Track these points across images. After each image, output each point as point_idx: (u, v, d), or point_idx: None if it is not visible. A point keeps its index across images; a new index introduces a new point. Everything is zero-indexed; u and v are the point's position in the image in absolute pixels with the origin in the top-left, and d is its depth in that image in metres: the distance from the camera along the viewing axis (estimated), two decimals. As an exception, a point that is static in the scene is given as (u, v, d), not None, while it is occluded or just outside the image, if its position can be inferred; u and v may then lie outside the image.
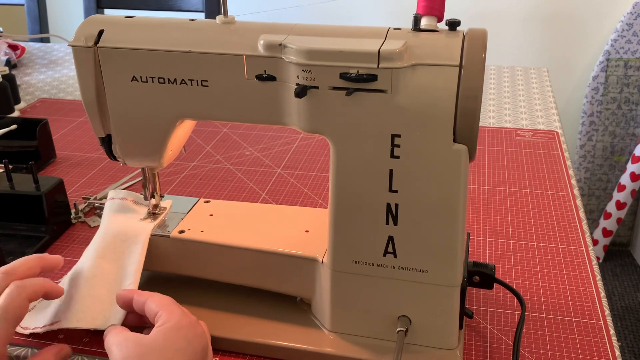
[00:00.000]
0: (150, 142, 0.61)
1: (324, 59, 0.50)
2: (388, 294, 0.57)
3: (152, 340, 0.52)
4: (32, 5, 1.85)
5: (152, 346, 0.51)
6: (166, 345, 0.52)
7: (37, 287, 0.57)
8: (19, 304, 0.55)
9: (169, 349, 0.51)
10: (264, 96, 0.54)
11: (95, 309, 0.61)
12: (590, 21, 2.03)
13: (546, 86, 1.29)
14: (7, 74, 1.18)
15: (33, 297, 0.56)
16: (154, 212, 0.69)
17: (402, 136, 0.51)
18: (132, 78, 0.57)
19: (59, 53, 1.59)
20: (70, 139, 1.09)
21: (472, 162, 0.53)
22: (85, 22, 0.59)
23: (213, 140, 1.07)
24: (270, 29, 0.54)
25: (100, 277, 0.62)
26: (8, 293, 0.55)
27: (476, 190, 0.90)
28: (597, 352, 0.61)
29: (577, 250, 0.76)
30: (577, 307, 0.67)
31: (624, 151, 2.11)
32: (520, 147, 1.02)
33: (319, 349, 0.60)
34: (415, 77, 0.50)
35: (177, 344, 0.52)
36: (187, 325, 0.54)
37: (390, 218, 0.54)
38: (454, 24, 0.51)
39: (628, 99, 2.04)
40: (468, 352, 0.61)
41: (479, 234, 0.80)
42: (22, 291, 0.55)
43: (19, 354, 0.62)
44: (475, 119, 0.49)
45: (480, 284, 0.62)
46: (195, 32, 0.56)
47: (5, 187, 0.78)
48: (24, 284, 0.56)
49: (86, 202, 0.87)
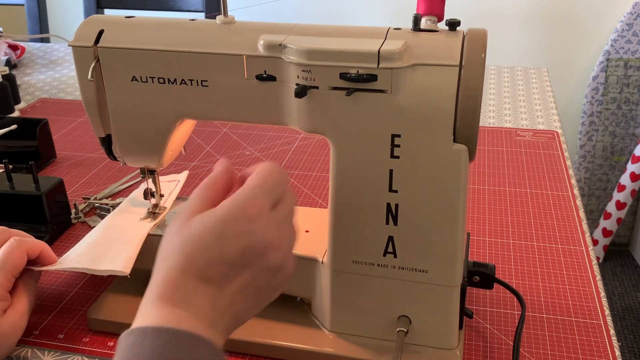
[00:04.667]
0: (150, 142, 0.61)
1: (324, 59, 0.50)
2: (388, 294, 0.57)
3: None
4: (32, 5, 1.85)
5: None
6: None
7: (35, 244, 0.63)
8: (18, 254, 0.61)
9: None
10: (264, 96, 0.54)
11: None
12: (590, 21, 2.03)
13: (546, 86, 1.29)
14: (7, 74, 1.18)
15: (31, 252, 0.62)
16: (154, 212, 0.69)
17: (402, 136, 0.51)
18: (132, 78, 0.57)
19: (59, 53, 1.59)
20: (70, 139, 1.09)
21: (472, 162, 0.53)
22: (85, 22, 0.59)
23: (213, 140, 1.07)
24: (270, 29, 0.54)
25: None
26: (8, 245, 0.61)
27: (476, 190, 0.90)
28: (597, 352, 0.61)
29: (577, 250, 0.76)
30: (577, 307, 0.67)
31: (624, 151, 2.11)
32: (520, 147, 1.02)
33: (319, 349, 0.60)
34: (415, 77, 0.50)
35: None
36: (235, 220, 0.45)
37: (390, 218, 0.54)
38: (454, 24, 0.51)
39: (628, 99, 2.04)
40: (468, 352, 0.61)
41: (479, 234, 0.80)
42: (21, 244, 0.61)
43: (19, 354, 0.62)
44: (475, 119, 0.49)
45: (480, 284, 0.62)
46: (195, 32, 0.56)
47: (5, 187, 0.78)
48: (23, 239, 0.62)
49: (86, 202, 0.87)
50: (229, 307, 0.44)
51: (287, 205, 0.48)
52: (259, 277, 0.45)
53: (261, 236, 0.44)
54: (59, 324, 0.66)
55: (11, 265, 0.60)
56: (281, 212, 0.47)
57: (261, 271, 0.45)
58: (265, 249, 0.44)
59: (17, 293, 0.61)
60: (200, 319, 0.43)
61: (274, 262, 0.45)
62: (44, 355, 0.62)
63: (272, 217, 0.46)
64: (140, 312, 0.43)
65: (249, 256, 0.44)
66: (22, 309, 0.60)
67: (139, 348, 0.39)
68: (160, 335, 0.40)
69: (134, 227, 0.67)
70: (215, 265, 0.43)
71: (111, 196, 0.90)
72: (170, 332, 0.40)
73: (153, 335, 0.40)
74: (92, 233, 0.68)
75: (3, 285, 0.59)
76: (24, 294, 0.61)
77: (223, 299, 0.44)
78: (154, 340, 0.40)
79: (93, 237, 0.67)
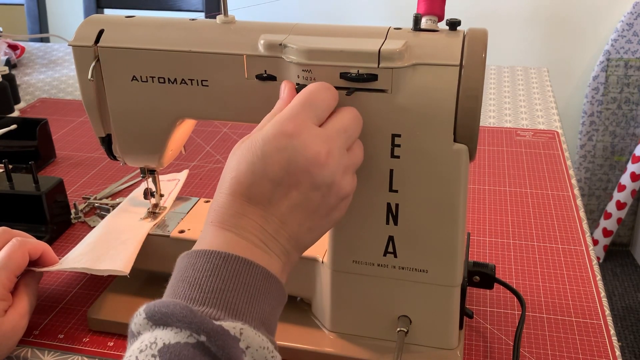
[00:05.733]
0: (150, 142, 0.61)
1: (325, 59, 0.50)
2: (388, 294, 0.57)
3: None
4: (32, 5, 1.85)
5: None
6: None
7: (37, 245, 0.63)
8: (21, 255, 0.61)
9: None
10: (264, 96, 0.54)
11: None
12: (591, 21, 2.03)
13: (546, 86, 1.29)
14: (7, 74, 1.18)
15: (32, 253, 0.62)
16: (154, 212, 0.69)
17: (402, 136, 0.51)
18: (132, 78, 0.57)
19: (59, 53, 1.59)
20: (70, 139, 1.09)
21: (472, 162, 0.53)
22: (85, 22, 0.59)
23: (213, 140, 1.07)
24: (270, 29, 0.54)
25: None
26: (10, 245, 0.61)
27: (476, 190, 0.90)
28: (597, 352, 0.61)
29: (577, 250, 0.76)
30: (577, 307, 0.67)
31: (624, 151, 2.11)
32: (520, 147, 1.02)
33: (319, 349, 0.60)
34: (415, 77, 0.49)
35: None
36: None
37: (391, 218, 0.54)
38: (455, 23, 0.51)
39: (628, 99, 2.04)
40: (468, 352, 0.61)
41: (479, 234, 0.80)
42: (23, 245, 0.61)
43: (19, 354, 0.62)
44: (475, 118, 0.49)
45: (480, 284, 0.62)
46: (196, 32, 0.56)
47: (5, 187, 0.78)
48: (25, 239, 0.62)
49: (86, 202, 0.87)
50: (281, 228, 0.44)
51: (340, 121, 0.47)
52: (308, 195, 0.44)
53: (302, 151, 0.43)
54: (59, 324, 0.66)
55: (13, 265, 0.60)
56: (331, 128, 0.46)
57: (309, 189, 0.44)
58: (308, 164, 0.43)
59: (19, 293, 0.61)
60: (250, 240, 0.43)
61: (321, 178, 0.44)
62: (44, 355, 0.62)
63: (317, 132, 0.45)
64: (200, 237, 0.44)
65: (292, 172, 0.43)
66: (23, 310, 0.60)
67: (191, 270, 0.41)
68: (210, 259, 0.41)
69: (134, 227, 0.67)
70: (260, 183, 0.43)
71: (111, 196, 0.90)
72: (219, 255, 0.41)
73: (204, 258, 0.41)
74: (92, 233, 0.68)
75: (5, 285, 0.59)
76: (25, 295, 0.62)
77: (273, 219, 0.44)
78: (205, 263, 0.41)
79: (93, 237, 0.67)
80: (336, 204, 0.46)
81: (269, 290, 0.42)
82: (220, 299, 0.39)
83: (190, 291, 0.40)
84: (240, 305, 0.40)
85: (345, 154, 0.46)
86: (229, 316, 0.39)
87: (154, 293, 0.43)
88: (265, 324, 0.41)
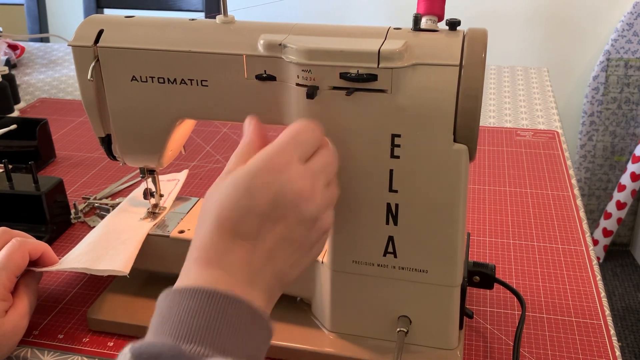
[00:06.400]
0: (150, 142, 0.61)
1: (324, 59, 0.50)
2: (388, 294, 0.57)
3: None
4: (32, 5, 1.85)
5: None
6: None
7: (37, 245, 0.63)
8: (20, 255, 0.61)
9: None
10: (264, 96, 0.54)
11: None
12: (591, 21, 2.03)
13: (546, 86, 1.29)
14: (7, 74, 1.18)
15: (33, 253, 0.63)
16: (154, 212, 0.69)
17: (402, 136, 0.51)
18: (132, 78, 0.57)
19: (59, 53, 1.59)
20: (70, 139, 1.09)
21: (472, 162, 0.53)
22: (85, 22, 0.59)
23: (213, 140, 1.07)
24: (270, 29, 0.54)
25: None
26: (10, 245, 0.61)
27: (476, 190, 0.90)
28: (597, 352, 0.61)
29: (577, 250, 0.76)
30: (577, 307, 0.67)
31: (624, 151, 2.11)
32: (520, 147, 1.02)
33: (319, 349, 0.60)
34: (415, 77, 0.49)
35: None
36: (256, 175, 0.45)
37: (390, 218, 0.54)
38: (454, 23, 0.51)
39: (628, 99, 2.04)
40: (468, 352, 0.61)
41: (479, 234, 0.80)
42: (23, 245, 0.61)
43: (19, 354, 0.62)
44: (475, 118, 0.49)
45: (480, 284, 0.62)
46: (195, 32, 0.56)
47: (5, 187, 0.78)
48: (25, 239, 0.63)
49: (86, 202, 0.87)
50: (266, 264, 0.44)
51: (322, 159, 0.48)
52: (293, 230, 0.44)
53: (289, 186, 0.44)
54: (58, 324, 0.66)
55: (13, 265, 0.60)
56: (314, 164, 0.47)
57: (295, 224, 0.44)
58: (295, 198, 0.44)
59: (19, 294, 0.61)
60: (236, 277, 0.43)
61: (308, 213, 0.44)
62: (43, 355, 0.62)
63: (302, 168, 0.45)
64: (181, 274, 0.44)
65: (279, 207, 0.44)
66: (23, 310, 0.60)
67: (175, 309, 0.40)
68: (195, 296, 0.40)
69: (134, 227, 0.67)
70: (247, 218, 0.43)
71: (111, 196, 0.90)
72: (205, 293, 0.40)
73: (188, 295, 0.40)
74: (92, 233, 0.68)
75: (5, 285, 0.59)
76: (26, 295, 0.62)
77: (259, 255, 0.44)
78: (189, 300, 0.40)
79: (93, 237, 0.67)
80: (318, 238, 0.47)
81: (255, 326, 0.42)
82: (208, 336, 0.39)
83: (176, 330, 0.39)
84: (227, 342, 0.39)
85: (327, 190, 0.47)
86: (217, 353, 0.38)
87: (154, 293, 0.43)
88: (253, 359, 0.41)
